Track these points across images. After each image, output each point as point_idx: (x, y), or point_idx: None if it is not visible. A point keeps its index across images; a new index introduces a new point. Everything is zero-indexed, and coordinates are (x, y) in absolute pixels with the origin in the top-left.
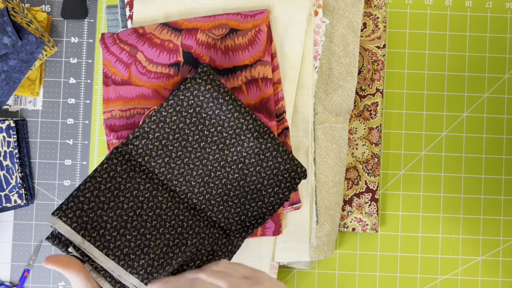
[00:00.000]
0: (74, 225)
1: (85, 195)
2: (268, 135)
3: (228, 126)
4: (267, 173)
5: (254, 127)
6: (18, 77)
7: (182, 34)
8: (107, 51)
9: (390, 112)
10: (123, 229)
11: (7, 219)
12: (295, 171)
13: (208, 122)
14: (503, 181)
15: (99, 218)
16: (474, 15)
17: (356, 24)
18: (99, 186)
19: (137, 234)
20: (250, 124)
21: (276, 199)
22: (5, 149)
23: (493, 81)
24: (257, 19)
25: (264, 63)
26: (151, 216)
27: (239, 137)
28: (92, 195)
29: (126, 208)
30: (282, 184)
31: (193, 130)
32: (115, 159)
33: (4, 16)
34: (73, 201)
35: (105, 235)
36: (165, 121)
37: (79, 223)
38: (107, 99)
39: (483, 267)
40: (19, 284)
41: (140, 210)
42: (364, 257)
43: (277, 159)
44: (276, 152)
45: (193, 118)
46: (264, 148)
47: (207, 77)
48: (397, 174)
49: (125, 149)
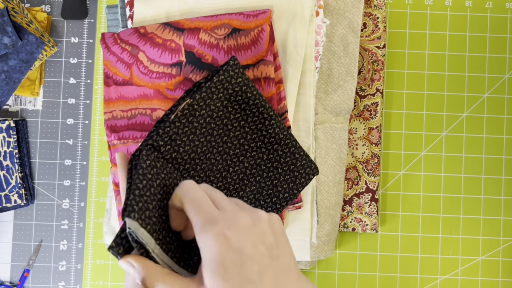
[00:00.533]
0: (148, 227)
1: (145, 194)
2: (287, 131)
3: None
4: (284, 169)
5: (277, 122)
6: (18, 77)
7: (184, 34)
8: (108, 51)
9: (390, 112)
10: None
11: (7, 219)
12: (310, 167)
13: (234, 116)
14: (503, 181)
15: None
16: (474, 15)
17: (356, 24)
18: (152, 183)
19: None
20: (275, 118)
21: (290, 195)
22: (5, 149)
23: (493, 81)
24: (259, 18)
25: (266, 62)
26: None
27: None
28: (149, 192)
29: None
30: (297, 180)
31: (218, 124)
32: (152, 154)
33: (4, 16)
34: (140, 200)
35: (165, 236)
36: (195, 115)
37: (150, 225)
38: (108, 100)
39: (483, 267)
40: (19, 284)
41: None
42: (364, 257)
43: (294, 155)
44: (294, 148)
45: (219, 112)
46: (283, 144)
47: (238, 70)
48: (397, 174)
49: (155, 145)
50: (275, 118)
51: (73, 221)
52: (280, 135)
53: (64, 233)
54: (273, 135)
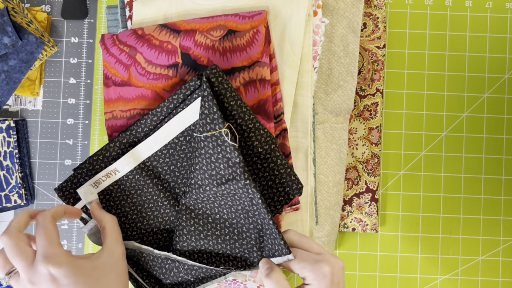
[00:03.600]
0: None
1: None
2: (271, 146)
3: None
4: (262, 183)
5: (257, 135)
6: (18, 77)
7: (181, 36)
8: (107, 52)
9: (390, 112)
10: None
11: (7, 219)
12: (290, 187)
13: None
14: (503, 181)
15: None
16: (474, 15)
17: (356, 24)
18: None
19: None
20: (255, 131)
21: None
22: (5, 149)
23: (493, 81)
24: (255, 20)
25: (262, 64)
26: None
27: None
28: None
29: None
30: (275, 197)
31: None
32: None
33: (4, 16)
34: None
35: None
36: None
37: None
38: (108, 100)
39: (483, 267)
40: None
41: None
42: (364, 257)
43: (273, 171)
44: (273, 164)
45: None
46: (263, 158)
47: (219, 78)
48: (397, 174)
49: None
50: (254, 131)
51: (73, 221)
52: (259, 149)
53: (64, 233)
54: (251, 148)
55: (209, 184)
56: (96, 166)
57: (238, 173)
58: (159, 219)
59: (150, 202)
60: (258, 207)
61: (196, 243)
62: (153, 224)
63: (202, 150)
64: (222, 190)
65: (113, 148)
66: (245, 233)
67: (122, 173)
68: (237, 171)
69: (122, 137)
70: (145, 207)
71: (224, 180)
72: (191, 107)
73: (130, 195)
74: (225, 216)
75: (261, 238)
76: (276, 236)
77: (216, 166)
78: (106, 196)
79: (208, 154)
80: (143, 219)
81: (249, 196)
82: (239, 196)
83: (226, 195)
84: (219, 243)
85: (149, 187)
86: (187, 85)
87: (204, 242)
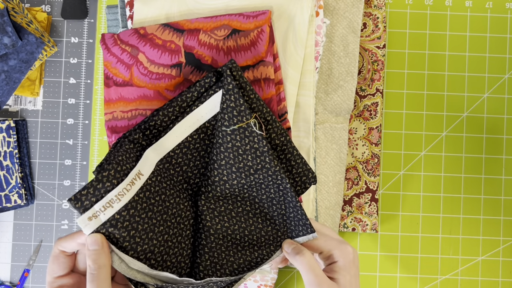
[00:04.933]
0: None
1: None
2: (286, 137)
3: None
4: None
5: (274, 127)
6: (18, 77)
7: (184, 35)
8: (108, 52)
9: (390, 112)
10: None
11: (7, 219)
12: (307, 176)
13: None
14: (503, 181)
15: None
16: (474, 15)
17: (356, 24)
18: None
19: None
20: (272, 123)
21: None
22: (5, 149)
23: (493, 81)
24: (259, 19)
25: (266, 63)
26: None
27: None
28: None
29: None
30: (293, 187)
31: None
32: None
33: (4, 16)
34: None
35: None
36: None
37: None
38: (109, 100)
39: (483, 267)
40: (19, 284)
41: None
42: (364, 257)
43: (290, 162)
44: (290, 155)
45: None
46: (279, 150)
47: (237, 73)
48: (397, 174)
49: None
50: (272, 123)
51: (73, 221)
52: (277, 140)
53: (64, 233)
54: (270, 140)
55: (237, 177)
56: (115, 175)
57: (268, 161)
58: (180, 225)
59: (173, 207)
60: (284, 192)
61: (223, 240)
62: (177, 232)
63: (228, 144)
64: (251, 181)
65: (127, 152)
66: (269, 220)
67: (146, 176)
68: (266, 159)
69: (133, 139)
70: (169, 214)
71: (253, 170)
72: (206, 104)
73: (155, 202)
74: (248, 208)
75: (285, 222)
76: (302, 217)
77: (244, 158)
78: (130, 210)
79: (235, 147)
80: (168, 229)
81: (277, 182)
82: (266, 185)
83: (253, 185)
84: (245, 235)
85: (167, 190)
86: (202, 82)
87: (231, 237)
